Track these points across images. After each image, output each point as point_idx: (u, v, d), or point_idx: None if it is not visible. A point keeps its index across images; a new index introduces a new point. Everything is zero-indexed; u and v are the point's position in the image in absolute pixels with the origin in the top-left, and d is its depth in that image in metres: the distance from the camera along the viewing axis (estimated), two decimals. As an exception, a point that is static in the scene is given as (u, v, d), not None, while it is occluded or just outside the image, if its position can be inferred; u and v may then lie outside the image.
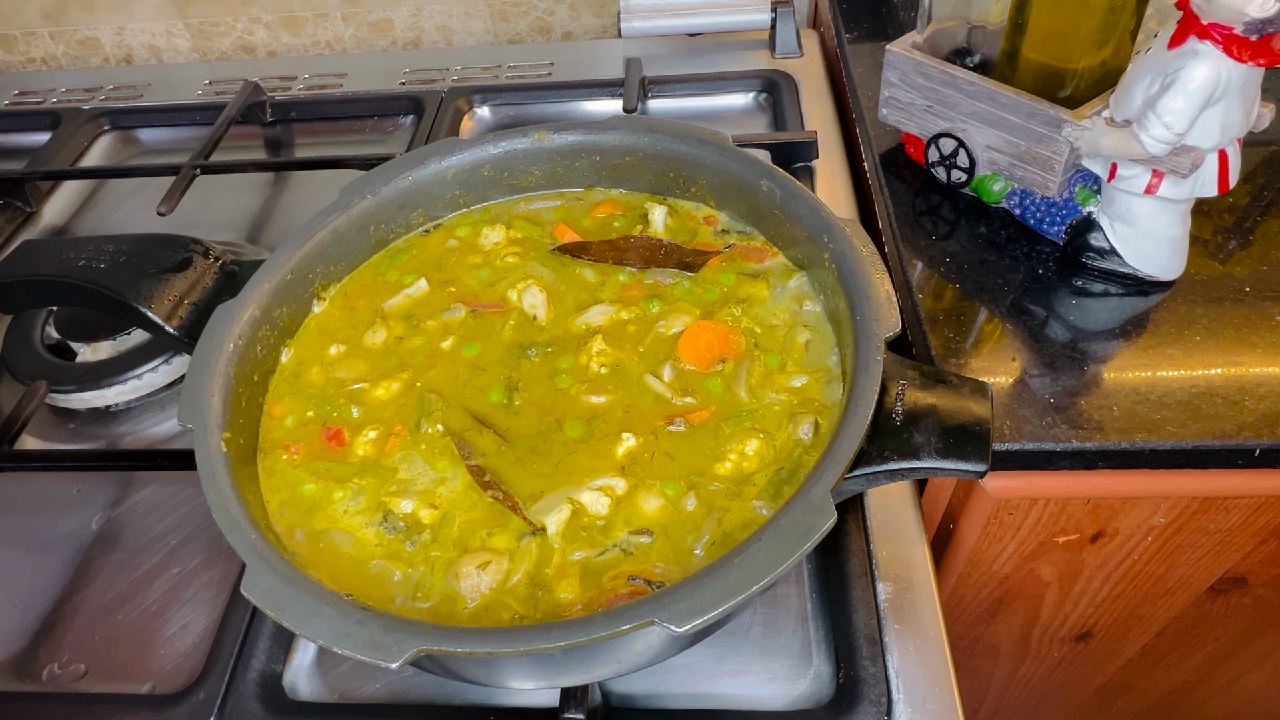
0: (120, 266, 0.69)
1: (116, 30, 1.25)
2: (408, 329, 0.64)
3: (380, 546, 0.52)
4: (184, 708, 0.57)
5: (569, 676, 0.52)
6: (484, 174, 0.72)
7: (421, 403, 0.59)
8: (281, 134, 1.10)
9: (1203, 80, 0.57)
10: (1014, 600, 0.83)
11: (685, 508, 0.53)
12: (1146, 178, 0.65)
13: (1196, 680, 0.98)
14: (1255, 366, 0.64)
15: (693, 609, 0.42)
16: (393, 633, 0.42)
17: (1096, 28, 0.66)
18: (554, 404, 0.59)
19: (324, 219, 0.66)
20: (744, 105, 1.05)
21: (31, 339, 0.81)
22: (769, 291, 0.64)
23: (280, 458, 0.57)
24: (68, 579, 0.67)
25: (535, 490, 0.54)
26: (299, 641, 0.61)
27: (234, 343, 0.58)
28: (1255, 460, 0.61)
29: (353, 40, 1.25)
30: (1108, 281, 0.71)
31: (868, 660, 0.56)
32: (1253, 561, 0.77)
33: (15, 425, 0.72)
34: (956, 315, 0.70)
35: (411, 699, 0.58)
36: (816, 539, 0.44)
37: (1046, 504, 0.69)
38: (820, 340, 0.60)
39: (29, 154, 1.07)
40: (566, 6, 1.22)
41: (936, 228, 0.78)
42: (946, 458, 0.50)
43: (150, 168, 1.00)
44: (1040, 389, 0.64)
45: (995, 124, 0.73)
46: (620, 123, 0.71)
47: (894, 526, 0.64)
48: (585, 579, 0.50)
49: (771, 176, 0.65)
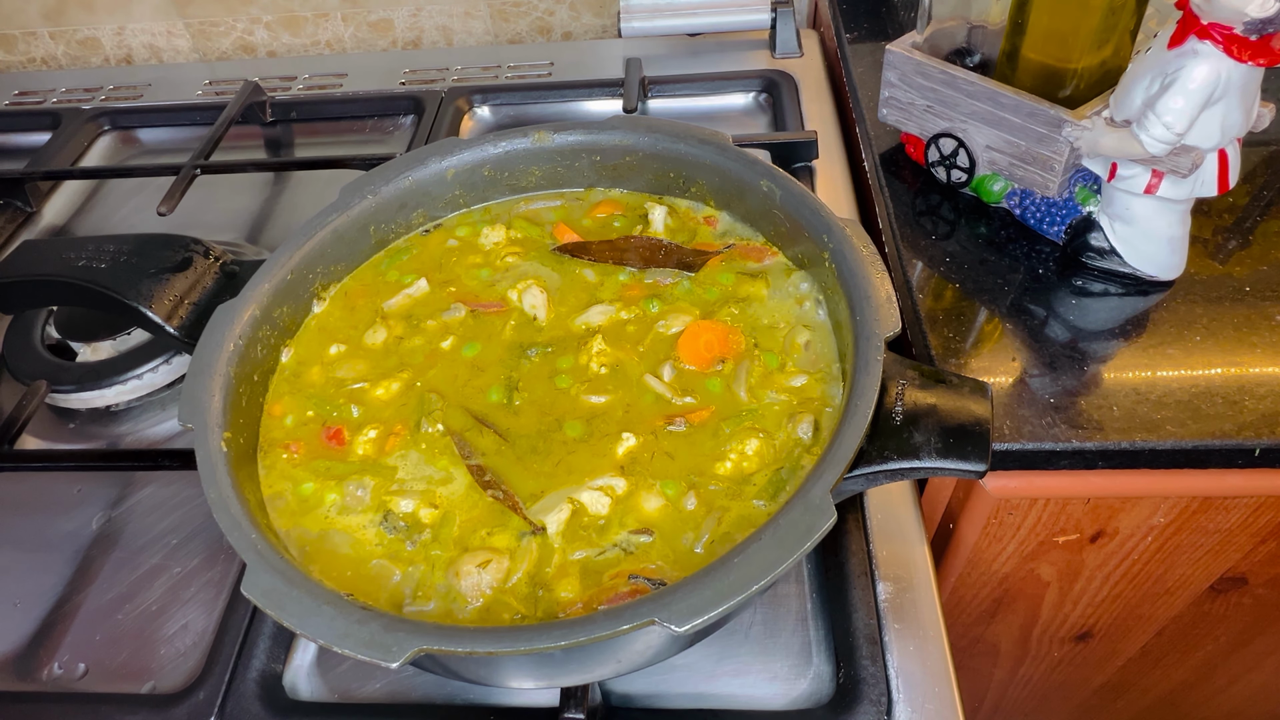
0: (120, 266, 0.69)
1: (116, 30, 1.25)
2: (408, 329, 0.64)
3: (380, 546, 0.53)
4: (184, 708, 0.57)
5: (569, 676, 0.52)
6: (484, 174, 0.72)
7: (421, 402, 0.59)
8: (281, 134, 1.10)
9: (1203, 80, 0.57)
10: (1014, 600, 0.83)
11: (685, 507, 0.53)
12: (1146, 178, 0.65)
13: (1196, 680, 0.98)
14: (1255, 366, 0.64)
15: (693, 609, 0.42)
16: (393, 632, 0.42)
17: (1096, 28, 0.66)
18: (554, 404, 0.59)
19: (324, 219, 0.66)
20: (744, 105, 1.06)
21: (31, 339, 0.81)
22: (768, 291, 0.64)
23: (280, 456, 0.57)
24: (68, 579, 0.67)
25: (535, 490, 0.54)
26: (299, 641, 0.61)
27: (234, 343, 0.58)
28: (1255, 460, 0.61)
29: (353, 40, 1.25)
30: (1108, 281, 0.71)
31: (868, 660, 0.56)
32: (1253, 561, 0.77)
33: (15, 425, 0.72)
34: (956, 315, 0.70)
35: (411, 699, 0.58)
36: (816, 539, 0.44)
37: (1046, 504, 0.69)
38: (820, 340, 0.60)
39: (29, 154, 1.07)
40: (566, 6, 1.22)
41: (936, 228, 0.78)
42: (946, 458, 0.50)
43: (150, 168, 1.00)
44: (1040, 389, 0.64)
45: (995, 124, 0.73)
46: (620, 123, 0.71)
47: (894, 526, 0.64)
48: (585, 578, 0.50)
49: (771, 176, 0.65)
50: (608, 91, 1.06)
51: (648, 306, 0.63)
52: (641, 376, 0.59)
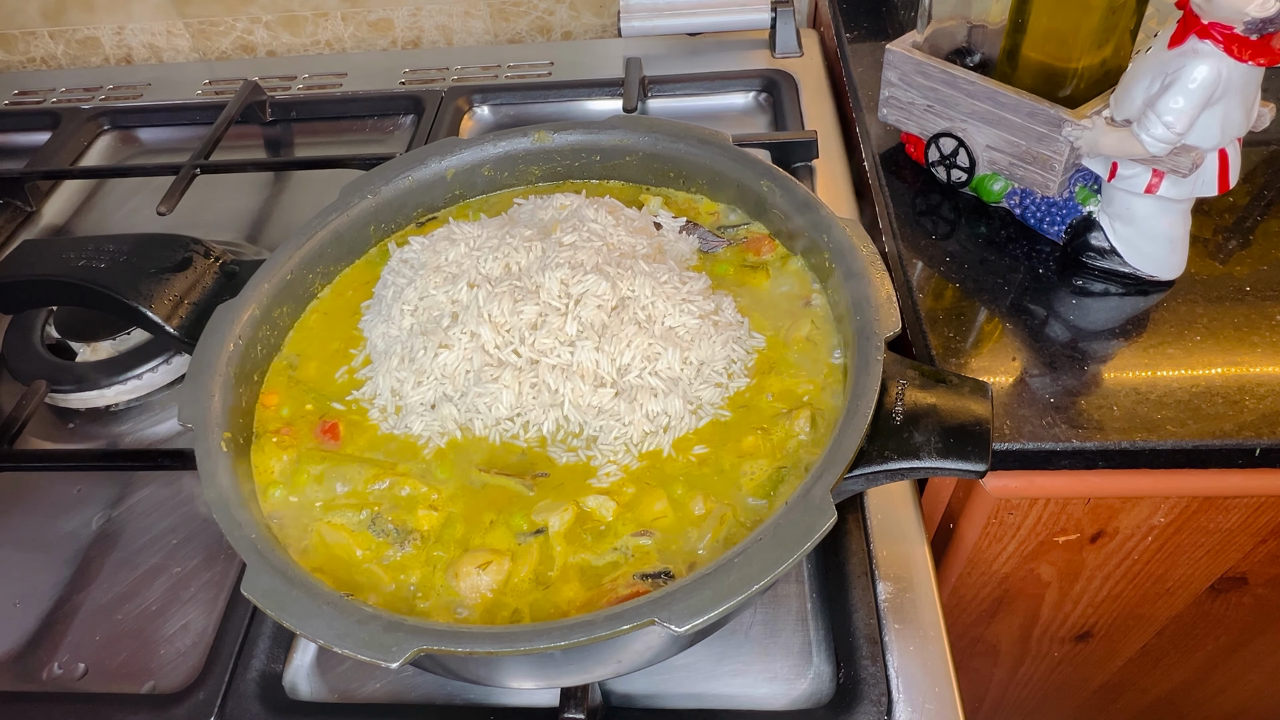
0: (120, 266, 0.69)
1: (116, 30, 1.25)
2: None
3: (370, 551, 0.52)
4: (184, 708, 0.57)
5: (569, 676, 0.52)
6: (484, 173, 0.72)
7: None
8: (281, 134, 1.10)
9: (1203, 80, 0.57)
10: (1014, 600, 0.83)
11: (686, 507, 0.53)
12: (1147, 177, 0.65)
13: (1196, 680, 0.98)
14: (1255, 366, 0.64)
15: (693, 609, 0.42)
16: (393, 632, 0.42)
17: (1097, 27, 0.66)
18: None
19: (324, 219, 0.66)
20: (744, 105, 1.05)
21: (31, 339, 0.81)
22: (769, 282, 0.64)
23: (274, 449, 0.57)
24: (68, 579, 0.67)
25: (540, 495, 0.54)
26: (299, 641, 0.61)
27: (234, 343, 0.58)
28: (1255, 460, 0.61)
29: (353, 40, 1.25)
30: (1108, 281, 0.71)
31: (868, 660, 0.56)
32: (1253, 561, 0.77)
33: (15, 425, 0.72)
34: (956, 315, 0.70)
35: (411, 699, 0.58)
36: (816, 539, 0.44)
37: (1046, 504, 0.69)
38: (820, 338, 0.60)
39: (29, 154, 1.07)
40: (566, 6, 1.21)
41: (936, 227, 0.78)
42: (946, 457, 0.50)
43: (150, 167, 1.00)
44: (1040, 388, 0.64)
45: (995, 123, 0.73)
46: (620, 122, 0.71)
47: (894, 526, 0.64)
48: (586, 578, 0.50)
49: (771, 176, 0.65)
50: (608, 91, 1.06)
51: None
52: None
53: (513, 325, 0.58)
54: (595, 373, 0.57)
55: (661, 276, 0.60)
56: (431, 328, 0.60)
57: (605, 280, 0.59)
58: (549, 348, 0.57)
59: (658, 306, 0.59)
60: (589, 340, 0.57)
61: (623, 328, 0.58)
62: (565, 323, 0.58)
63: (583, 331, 0.58)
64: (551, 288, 0.59)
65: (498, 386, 0.56)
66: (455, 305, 0.61)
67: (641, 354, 0.57)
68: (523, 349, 0.58)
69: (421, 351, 0.59)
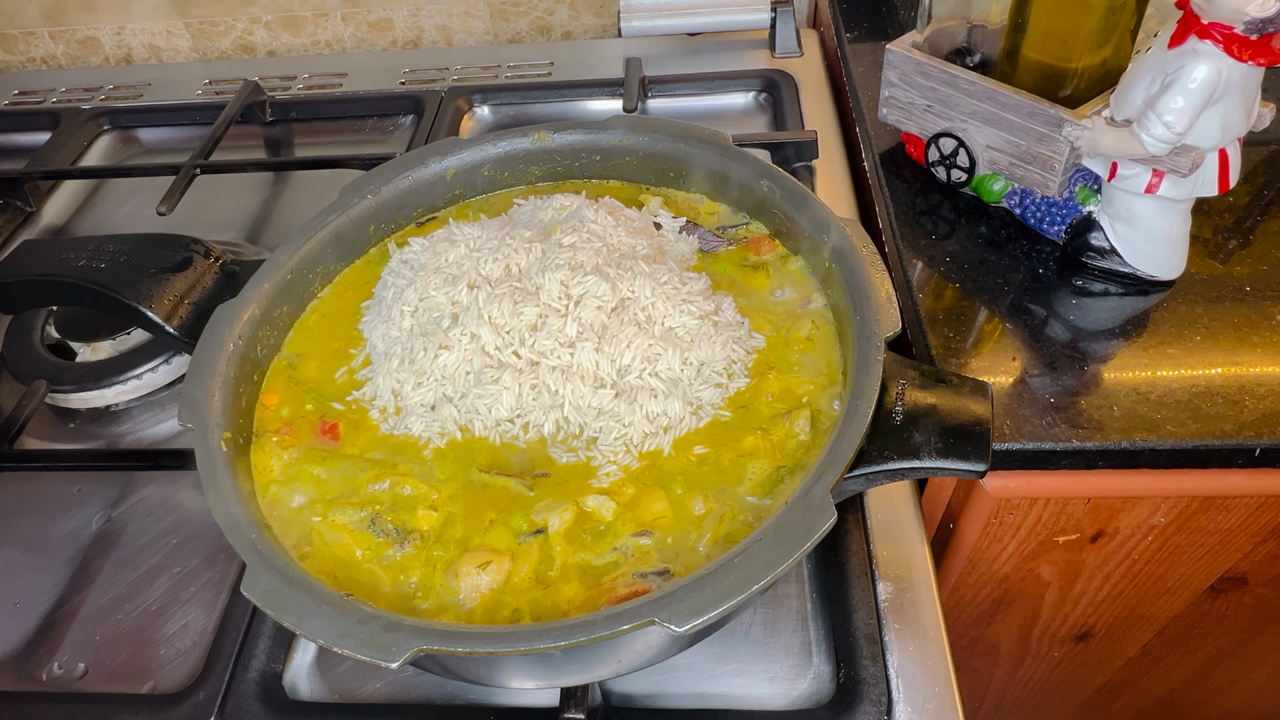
0: (120, 266, 0.69)
1: (116, 30, 1.25)
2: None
3: (370, 551, 0.52)
4: (184, 708, 0.57)
5: (569, 676, 0.52)
6: (484, 174, 0.72)
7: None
8: (281, 134, 1.10)
9: (1203, 80, 0.57)
10: (1014, 600, 0.83)
11: (686, 507, 0.53)
12: (1147, 177, 0.65)
13: (1196, 680, 0.98)
14: (1255, 366, 0.64)
15: (693, 609, 0.42)
16: (393, 632, 0.42)
17: (1097, 27, 0.66)
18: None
19: (324, 219, 0.66)
20: (744, 105, 1.05)
21: (31, 339, 0.81)
22: (769, 284, 0.64)
23: (274, 449, 0.57)
24: (68, 579, 0.67)
25: (540, 495, 0.54)
26: (299, 641, 0.61)
27: (234, 343, 0.58)
28: (1255, 460, 0.61)
29: (353, 40, 1.25)
30: (1108, 281, 0.71)
31: (868, 660, 0.56)
32: (1253, 561, 0.77)
33: (15, 425, 0.72)
34: (956, 315, 0.70)
35: (411, 699, 0.58)
36: (816, 539, 0.44)
37: (1046, 504, 0.69)
38: (820, 338, 0.60)
39: (29, 154, 1.07)
40: (566, 6, 1.21)
41: (936, 227, 0.78)
42: (946, 457, 0.50)
43: (150, 167, 1.00)
44: (1040, 388, 0.64)
45: (995, 123, 0.73)
46: (620, 122, 0.71)
47: (894, 526, 0.64)
48: (586, 578, 0.50)
49: (771, 176, 0.65)
50: (608, 91, 1.06)
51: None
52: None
53: (513, 327, 0.58)
54: (595, 374, 0.57)
55: (661, 277, 0.60)
56: (431, 329, 0.60)
57: (605, 281, 0.59)
58: (549, 349, 0.57)
59: (658, 307, 0.59)
60: (589, 341, 0.57)
61: (623, 329, 0.58)
62: (565, 324, 0.58)
63: (583, 333, 0.58)
64: (551, 289, 0.59)
65: (498, 388, 0.56)
66: (455, 306, 0.61)
67: (641, 355, 0.57)
68: (523, 350, 0.58)
69: (421, 353, 0.59)
